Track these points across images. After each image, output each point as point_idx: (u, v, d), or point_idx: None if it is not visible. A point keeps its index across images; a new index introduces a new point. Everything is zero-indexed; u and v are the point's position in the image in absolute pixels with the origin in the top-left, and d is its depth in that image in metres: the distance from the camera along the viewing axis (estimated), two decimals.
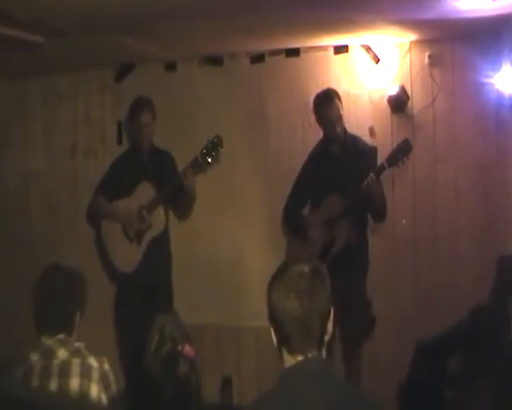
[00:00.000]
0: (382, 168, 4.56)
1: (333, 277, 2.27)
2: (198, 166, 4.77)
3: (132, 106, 5.02)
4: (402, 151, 4.52)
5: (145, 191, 4.90)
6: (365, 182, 4.48)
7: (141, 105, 4.98)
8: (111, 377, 2.94)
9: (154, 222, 4.90)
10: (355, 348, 4.81)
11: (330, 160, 4.81)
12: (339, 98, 4.74)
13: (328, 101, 4.71)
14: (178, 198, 4.91)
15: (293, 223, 4.99)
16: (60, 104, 6.12)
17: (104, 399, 2.87)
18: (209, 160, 4.72)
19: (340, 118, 4.71)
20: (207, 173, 5.28)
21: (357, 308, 4.68)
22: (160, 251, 4.98)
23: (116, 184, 5.04)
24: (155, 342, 2.24)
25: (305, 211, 4.99)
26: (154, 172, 4.96)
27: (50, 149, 6.19)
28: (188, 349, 2.25)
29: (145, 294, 4.82)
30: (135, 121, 4.98)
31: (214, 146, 4.72)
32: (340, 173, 4.72)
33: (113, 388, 2.94)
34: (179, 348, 2.24)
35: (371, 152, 4.83)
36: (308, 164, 4.95)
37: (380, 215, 4.79)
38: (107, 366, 2.93)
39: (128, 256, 4.97)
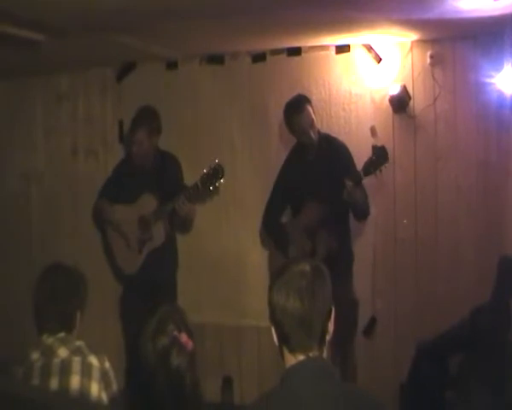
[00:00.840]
0: (359, 178, 4.48)
1: None
2: (197, 193, 4.71)
3: (134, 117, 4.97)
4: (379, 159, 4.44)
5: (147, 202, 4.88)
6: (345, 190, 4.43)
7: (139, 120, 4.92)
8: (111, 376, 2.94)
9: (155, 234, 4.90)
10: (345, 348, 4.77)
11: (306, 165, 4.79)
12: (309, 102, 4.70)
13: (298, 109, 4.67)
14: (176, 220, 4.91)
15: (273, 231, 4.99)
16: (60, 104, 6.11)
17: (105, 397, 2.88)
18: (210, 187, 4.67)
19: (312, 123, 4.66)
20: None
21: (343, 310, 4.66)
22: (161, 259, 4.96)
23: (119, 189, 5.03)
24: (153, 330, 2.23)
25: (285, 218, 4.98)
26: (157, 182, 4.93)
27: (51, 149, 6.18)
28: (185, 338, 2.23)
29: (149, 295, 4.81)
30: (131, 135, 4.95)
31: (216, 174, 4.65)
32: (317, 178, 4.71)
33: (114, 386, 2.94)
34: (175, 332, 2.23)
35: (345, 149, 4.80)
36: (285, 170, 4.94)
37: (362, 216, 4.79)
38: (107, 365, 2.94)
39: (130, 259, 4.98)
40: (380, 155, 4.45)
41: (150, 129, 4.91)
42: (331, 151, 4.75)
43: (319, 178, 4.69)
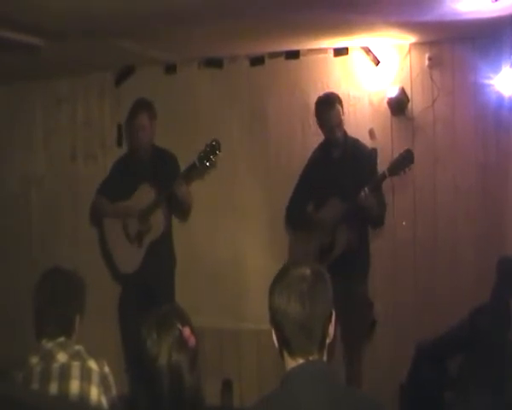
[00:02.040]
0: (383, 177, 4.58)
1: (333, 279, 2.27)
2: (195, 170, 4.78)
3: (131, 108, 5.05)
4: (404, 161, 4.53)
5: (145, 193, 4.92)
6: (361, 195, 4.50)
7: (138, 107, 5.00)
8: (111, 380, 2.94)
9: (153, 225, 4.92)
10: (356, 350, 4.83)
11: (331, 163, 4.82)
12: (340, 103, 4.75)
13: (329, 106, 4.72)
14: (174, 204, 4.93)
15: (296, 218, 4.99)
16: (59, 107, 6.12)
17: (104, 401, 2.87)
18: (207, 164, 4.74)
19: (340, 123, 4.72)
20: (208, 175, 5.31)
21: (357, 310, 4.70)
22: (160, 252, 4.99)
23: (117, 185, 5.07)
24: (155, 325, 2.25)
25: (309, 209, 5.00)
26: (154, 173, 4.97)
27: (50, 152, 6.19)
28: (187, 332, 2.24)
29: (147, 294, 4.83)
30: (132, 123, 5.01)
31: (212, 150, 4.72)
32: (340, 177, 4.73)
33: (113, 390, 2.94)
34: (179, 327, 2.24)
35: (371, 155, 4.84)
36: (309, 167, 4.96)
37: (376, 223, 4.83)
38: (106, 369, 2.93)
39: (130, 257, 4.99)
40: (406, 157, 4.53)
41: (150, 114, 4.99)
42: (357, 153, 4.79)
43: (343, 176, 4.73)
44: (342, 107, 4.76)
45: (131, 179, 5.01)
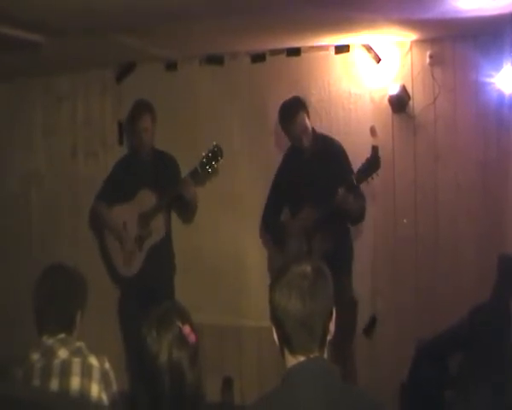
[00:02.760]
0: (352, 185, 4.45)
1: None
2: (197, 176, 4.77)
3: (132, 110, 5.03)
4: (370, 167, 4.41)
5: (145, 198, 4.92)
6: (337, 195, 4.42)
7: (140, 109, 4.98)
8: (111, 377, 2.94)
9: (154, 229, 4.92)
10: (344, 350, 4.77)
11: (302, 165, 4.78)
12: (303, 108, 4.67)
13: (290, 117, 4.65)
14: (179, 206, 4.93)
15: (272, 230, 5.00)
16: (60, 105, 6.12)
17: (105, 398, 2.87)
18: (209, 170, 4.72)
19: (304, 130, 4.65)
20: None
21: (341, 310, 4.67)
22: (160, 257, 4.99)
23: (117, 188, 5.05)
24: (156, 322, 2.24)
25: (283, 217, 5.00)
26: (155, 178, 4.96)
27: (51, 150, 6.19)
28: (187, 330, 2.25)
29: (147, 297, 4.81)
30: (134, 126, 5.00)
31: (214, 156, 4.71)
32: (313, 178, 4.69)
33: (114, 387, 2.94)
34: (179, 324, 2.24)
35: (341, 150, 4.78)
36: (281, 170, 4.95)
37: (355, 220, 4.78)
38: (107, 366, 2.93)
39: (129, 261, 4.99)
40: (372, 163, 4.42)
41: (152, 117, 4.99)
42: (326, 152, 4.73)
43: (315, 178, 4.68)
44: (307, 110, 4.68)
45: (132, 183, 5.00)
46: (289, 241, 4.79)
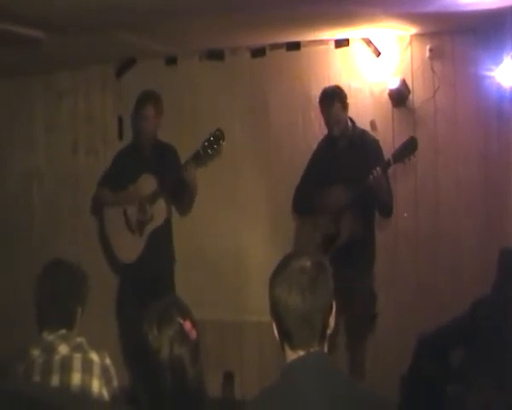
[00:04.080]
0: (388, 164, 4.56)
1: (337, 269, 2.27)
2: (199, 158, 4.78)
3: (137, 99, 5.04)
4: (408, 148, 4.53)
5: (147, 183, 4.92)
6: (370, 176, 4.48)
7: (144, 99, 4.99)
8: (112, 372, 2.95)
9: (155, 214, 4.93)
10: (360, 340, 4.83)
11: (337, 153, 4.81)
12: (340, 98, 4.71)
13: (328, 103, 4.71)
14: (179, 192, 4.92)
15: (302, 203, 4.98)
16: (61, 101, 6.12)
17: (105, 393, 2.88)
18: (210, 151, 4.73)
19: (339, 120, 4.71)
20: (209, 168, 5.30)
21: (361, 301, 4.71)
22: (161, 242, 5.00)
23: (118, 175, 5.07)
24: (156, 318, 2.25)
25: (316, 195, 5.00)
26: (156, 164, 4.97)
27: (51, 146, 6.19)
28: (188, 326, 2.25)
29: (147, 284, 4.83)
30: (137, 115, 5.02)
31: (216, 139, 4.72)
32: (346, 167, 4.72)
33: (115, 382, 2.95)
34: (180, 320, 2.24)
35: (377, 146, 4.82)
36: (315, 156, 4.95)
37: (385, 210, 4.78)
38: (108, 361, 2.94)
39: (130, 247, 5.00)
40: (410, 145, 4.53)
41: (157, 107, 4.99)
42: (363, 143, 4.78)
43: (349, 164, 4.71)
44: (345, 101, 4.73)
45: (133, 169, 5.01)
46: (317, 218, 4.80)
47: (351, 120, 4.82)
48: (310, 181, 4.92)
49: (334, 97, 4.70)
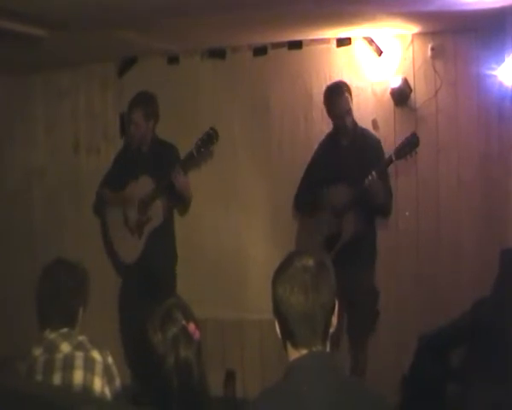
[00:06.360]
0: (390, 161, 4.59)
1: (340, 268, 2.27)
2: (193, 159, 4.78)
3: (130, 101, 5.04)
4: (410, 144, 4.54)
5: (145, 184, 4.93)
6: (367, 180, 4.50)
7: (135, 102, 4.99)
8: (114, 370, 2.95)
9: (153, 215, 4.94)
10: (362, 339, 4.84)
11: (339, 151, 4.82)
12: (349, 91, 4.77)
13: (338, 94, 4.75)
14: (173, 195, 4.94)
15: (305, 202, 4.98)
16: (62, 99, 6.11)
17: (108, 392, 2.88)
18: (202, 150, 4.73)
19: (349, 111, 4.74)
20: (210, 166, 5.31)
21: (364, 299, 4.71)
22: (161, 243, 5.00)
23: (118, 176, 5.08)
24: (160, 322, 2.24)
25: (317, 194, 5.00)
26: (154, 165, 4.98)
27: (52, 144, 6.18)
28: (192, 328, 2.25)
29: (148, 285, 4.83)
30: (127, 117, 5.04)
31: (209, 138, 4.72)
32: (348, 165, 4.73)
33: (117, 381, 2.95)
34: (183, 322, 2.24)
35: (379, 144, 4.84)
36: (318, 154, 4.96)
37: (383, 211, 4.80)
38: (110, 359, 2.94)
39: (130, 248, 5.01)
40: (412, 141, 4.54)
41: (146, 111, 4.97)
42: (365, 142, 4.81)
43: (351, 164, 4.72)
44: (351, 95, 4.77)
45: (132, 170, 5.02)
46: (319, 217, 4.81)
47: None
48: (311, 180, 4.92)
49: (343, 88, 4.76)
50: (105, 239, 5.30)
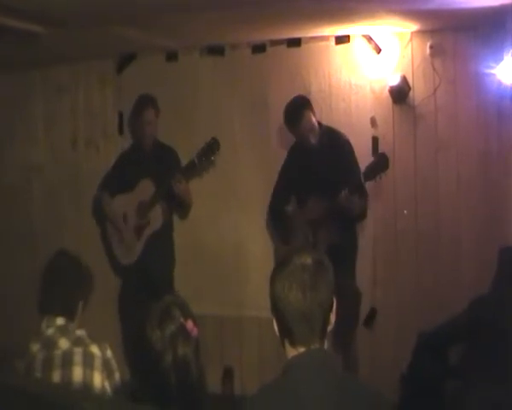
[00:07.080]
0: (360, 186, 4.52)
1: None
2: (194, 168, 4.79)
3: (136, 104, 5.06)
4: (379, 166, 4.50)
5: (145, 188, 4.95)
6: (341, 195, 4.47)
7: (144, 102, 5.02)
8: (114, 365, 2.95)
9: (152, 218, 4.95)
10: (346, 341, 4.79)
11: (309, 156, 4.80)
12: (308, 106, 4.72)
13: (297, 117, 4.69)
14: (174, 201, 4.95)
15: (277, 221, 5.01)
16: (60, 96, 6.10)
17: (108, 386, 2.89)
18: (204, 160, 4.74)
19: (311, 128, 4.69)
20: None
21: (344, 302, 4.67)
22: (159, 246, 5.01)
23: (119, 179, 5.09)
24: (158, 320, 2.24)
25: (290, 207, 5.01)
26: (155, 168, 4.99)
27: (51, 141, 6.17)
28: (190, 325, 2.25)
29: (146, 287, 4.83)
30: (138, 119, 5.05)
31: (211, 148, 4.73)
32: (319, 170, 4.73)
33: (116, 375, 2.95)
34: (181, 320, 2.24)
35: (347, 144, 4.81)
36: (288, 160, 4.97)
37: (358, 219, 4.80)
38: (109, 353, 2.95)
39: (129, 250, 5.03)
40: (381, 162, 4.51)
41: (156, 110, 5.06)
42: (333, 146, 4.77)
43: (321, 171, 4.71)
44: (312, 108, 4.73)
45: (133, 174, 5.04)
46: (295, 232, 4.80)
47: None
48: (284, 191, 4.95)
49: (302, 107, 4.71)
50: (104, 243, 5.30)
